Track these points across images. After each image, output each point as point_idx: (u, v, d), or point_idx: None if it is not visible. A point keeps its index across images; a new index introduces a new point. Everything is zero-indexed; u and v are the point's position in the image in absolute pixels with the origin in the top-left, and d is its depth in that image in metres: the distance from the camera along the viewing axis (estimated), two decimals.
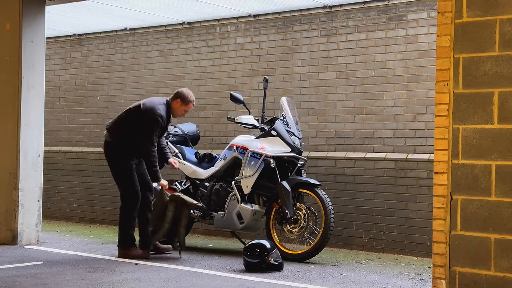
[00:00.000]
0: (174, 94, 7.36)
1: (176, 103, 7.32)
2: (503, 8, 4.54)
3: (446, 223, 4.71)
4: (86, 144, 10.82)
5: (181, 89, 7.40)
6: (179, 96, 7.32)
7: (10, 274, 6.14)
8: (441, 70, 4.77)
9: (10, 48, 8.02)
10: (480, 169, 4.59)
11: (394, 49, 8.14)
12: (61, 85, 11.26)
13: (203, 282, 6.02)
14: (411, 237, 7.86)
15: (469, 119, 4.65)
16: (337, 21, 8.56)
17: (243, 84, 9.30)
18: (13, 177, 7.93)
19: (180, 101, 7.31)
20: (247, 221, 7.54)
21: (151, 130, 7.10)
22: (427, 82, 7.86)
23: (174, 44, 10.01)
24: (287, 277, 6.36)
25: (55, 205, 10.98)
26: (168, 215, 7.17)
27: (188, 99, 7.33)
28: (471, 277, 4.61)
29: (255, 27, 9.25)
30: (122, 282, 5.89)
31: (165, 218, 7.16)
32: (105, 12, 9.39)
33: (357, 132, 8.36)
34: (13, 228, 7.90)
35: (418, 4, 7.96)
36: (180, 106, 7.33)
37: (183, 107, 7.34)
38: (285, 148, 7.50)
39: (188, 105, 7.35)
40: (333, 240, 8.02)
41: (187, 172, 8.11)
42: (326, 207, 7.17)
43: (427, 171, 7.74)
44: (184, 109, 7.36)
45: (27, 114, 8.00)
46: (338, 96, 8.52)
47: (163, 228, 7.16)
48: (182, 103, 7.32)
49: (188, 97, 7.33)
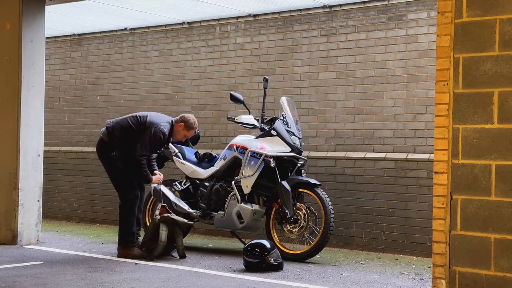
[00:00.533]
0: (180, 117, 7.44)
1: (179, 126, 7.40)
2: (503, 8, 4.54)
3: (446, 223, 4.71)
4: (86, 144, 10.82)
5: (188, 115, 7.47)
6: (184, 120, 7.40)
7: (10, 274, 6.14)
8: (441, 70, 4.77)
9: (10, 48, 8.02)
10: (480, 169, 4.59)
11: (394, 49, 8.14)
12: (61, 85, 11.26)
13: (203, 282, 6.02)
14: (411, 237, 7.86)
15: (469, 119, 4.65)
16: (337, 21, 8.56)
17: (243, 84, 9.30)
18: (13, 177, 7.93)
19: (183, 125, 7.40)
20: (247, 221, 7.54)
21: (149, 142, 7.15)
22: (427, 82, 7.86)
23: (174, 44, 10.01)
24: (287, 277, 6.36)
25: (55, 205, 10.98)
26: (161, 234, 7.20)
27: (191, 126, 7.42)
28: (471, 277, 4.61)
29: (255, 27, 9.25)
30: (122, 282, 5.89)
31: (160, 237, 7.18)
32: (105, 12, 9.39)
33: (357, 132, 8.36)
34: (13, 228, 7.90)
35: (418, 4, 7.96)
36: (182, 130, 7.41)
37: (185, 132, 7.43)
38: (285, 148, 7.50)
39: (189, 132, 7.44)
40: (333, 240, 8.02)
41: (187, 172, 8.11)
42: (326, 207, 7.17)
43: (427, 171, 7.74)
44: (185, 134, 7.45)
45: (27, 114, 8.00)
46: (338, 96, 8.52)
47: (158, 246, 7.17)
48: (185, 127, 7.41)
49: (192, 124, 7.42)
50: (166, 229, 7.22)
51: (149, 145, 7.15)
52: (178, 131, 7.41)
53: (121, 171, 7.29)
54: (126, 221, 7.29)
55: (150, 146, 7.17)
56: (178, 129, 7.39)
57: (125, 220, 7.29)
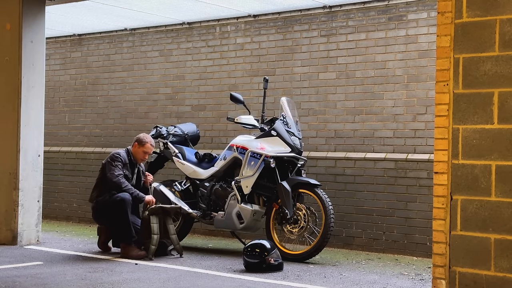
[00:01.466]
0: (133, 141, 7.66)
1: (134, 147, 7.59)
2: (503, 8, 4.54)
3: (446, 223, 4.71)
4: (86, 144, 10.82)
5: (138, 135, 7.70)
6: (136, 140, 7.63)
7: (10, 274, 6.14)
8: (441, 70, 4.77)
9: (10, 48, 8.02)
10: (480, 169, 4.59)
11: (394, 49, 8.14)
12: (61, 85, 11.26)
13: (203, 282, 6.02)
14: (411, 237, 7.86)
15: (469, 119, 4.65)
16: (337, 21, 8.56)
17: (243, 84, 9.30)
18: (13, 177, 7.93)
19: (137, 144, 7.58)
20: (247, 221, 7.54)
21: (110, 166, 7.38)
22: (427, 82, 7.86)
23: (174, 44, 10.01)
24: (287, 277, 6.36)
25: (55, 205, 10.98)
26: (153, 227, 7.21)
27: (142, 140, 7.58)
28: (471, 277, 4.61)
29: (255, 27, 9.25)
30: (122, 282, 5.89)
31: (152, 230, 7.19)
32: (105, 12, 9.39)
33: (357, 132, 8.36)
34: (13, 228, 7.90)
35: (418, 4, 7.96)
36: (138, 149, 7.56)
37: (141, 149, 7.55)
38: (285, 148, 7.50)
39: (145, 146, 7.56)
40: (333, 240, 8.02)
41: (187, 172, 8.11)
42: (326, 207, 7.17)
43: (427, 171, 7.74)
44: (143, 150, 7.57)
45: (27, 114, 7.99)
46: (338, 96, 8.52)
47: (152, 239, 7.17)
48: (138, 145, 7.56)
49: (143, 138, 7.60)
50: (156, 221, 7.26)
51: (113, 166, 7.37)
52: (136, 152, 7.58)
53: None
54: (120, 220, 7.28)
55: (114, 166, 7.37)
56: (134, 149, 7.58)
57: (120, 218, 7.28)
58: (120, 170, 7.38)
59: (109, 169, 7.38)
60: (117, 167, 7.37)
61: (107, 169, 7.40)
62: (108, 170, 7.38)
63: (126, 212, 7.24)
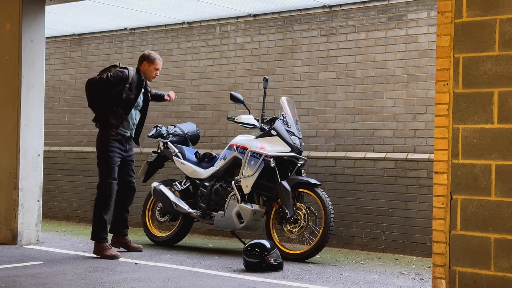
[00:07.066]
0: (139, 60, 7.53)
1: (144, 66, 7.48)
2: (503, 8, 4.54)
3: (446, 223, 4.71)
4: (86, 143, 10.82)
5: (143, 53, 7.58)
6: (144, 59, 7.48)
7: (10, 274, 6.14)
8: (441, 70, 4.77)
9: (10, 48, 8.02)
10: (480, 169, 4.59)
11: (394, 49, 8.14)
12: (61, 85, 11.26)
13: (203, 282, 6.02)
14: (411, 237, 7.86)
15: (469, 119, 4.65)
16: (337, 21, 8.56)
17: (243, 84, 9.30)
18: (13, 177, 7.93)
19: (146, 63, 7.48)
20: (247, 221, 7.54)
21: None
22: (427, 82, 7.86)
23: (174, 43, 10.01)
24: (287, 277, 6.36)
25: (55, 205, 10.98)
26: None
27: (152, 57, 7.48)
28: (471, 277, 4.61)
29: (255, 27, 9.25)
30: (122, 282, 5.89)
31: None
32: (105, 12, 9.39)
33: (357, 132, 8.36)
34: (13, 228, 7.90)
35: (418, 4, 7.96)
36: (149, 67, 7.47)
37: (152, 66, 7.47)
38: (285, 148, 7.50)
39: (155, 62, 7.47)
40: (333, 240, 8.02)
41: (187, 172, 8.12)
42: (326, 207, 7.17)
43: (427, 171, 7.74)
44: (154, 67, 7.49)
45: (27, 113, 7.99)
46: (338, 96, 8.52)
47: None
48: (148, 63, 7.46)
49: (151, 55, 7.49)
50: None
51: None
52: (146, 70, 7.47)
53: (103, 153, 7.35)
54: (97, 215, 7.30)
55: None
56: (144, 68, 7.47)
57: (96, 213, 7.30)
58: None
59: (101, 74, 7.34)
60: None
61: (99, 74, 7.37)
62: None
63: (108, 205, 7.31)
